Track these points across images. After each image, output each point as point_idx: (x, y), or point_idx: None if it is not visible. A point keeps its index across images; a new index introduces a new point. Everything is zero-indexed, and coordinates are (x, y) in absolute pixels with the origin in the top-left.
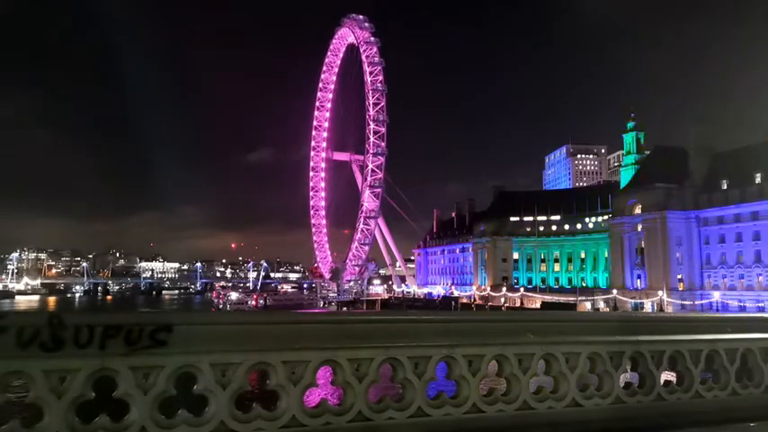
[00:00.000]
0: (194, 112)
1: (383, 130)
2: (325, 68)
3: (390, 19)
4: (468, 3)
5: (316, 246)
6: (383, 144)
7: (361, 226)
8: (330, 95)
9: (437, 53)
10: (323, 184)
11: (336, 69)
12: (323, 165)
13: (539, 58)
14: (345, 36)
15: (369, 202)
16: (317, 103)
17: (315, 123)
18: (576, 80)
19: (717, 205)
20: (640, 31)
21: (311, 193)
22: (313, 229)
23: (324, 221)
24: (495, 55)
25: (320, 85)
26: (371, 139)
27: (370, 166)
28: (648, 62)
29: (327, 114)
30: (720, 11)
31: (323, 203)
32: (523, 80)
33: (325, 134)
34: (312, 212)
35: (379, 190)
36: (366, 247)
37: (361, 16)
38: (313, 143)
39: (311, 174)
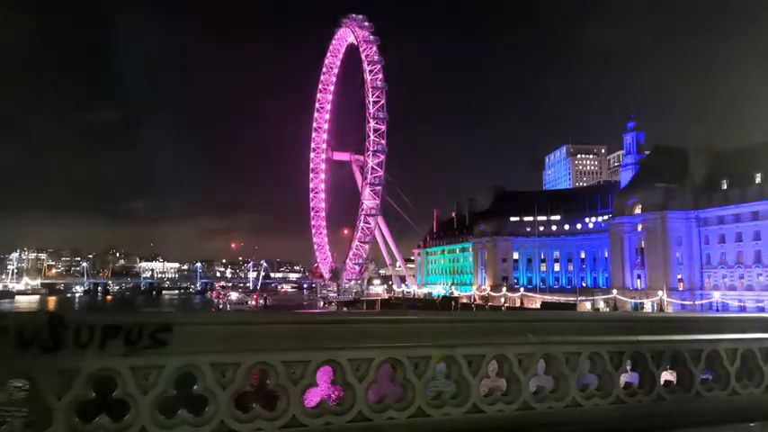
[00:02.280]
0: (192, 113)
1: (383, 127)
2: (324, 70)
3: (391, 19)
4: (468, 4)
5: (316, 247)
6: (383, 142)
7: (362, 224)
8: (330, 97)
9: (437, 53)
10: (323, 186)
11: (336, 70)
12: (323, 166)
13: (539, 58)
14: (345, 36)
15: (369, 199)
16: (317, 105)
17: (314, 125)
18: (577, 80)
19: (717, 205)
20: (640, 31)
21: (311, 195)
22: (313, 231)
23: (324, 223)
24: (495, 55)
25: (320, 86)
26: (371, 136)
27: (371, 163)
28: (649, 62)
29: (327, 116)
30: (722, 12)
31: (323, 205)
32: (524, 80)
33: (324, 136)
34: (312, 214)
35: (379, 188)
36: (366, 246)
37: (360, 16)
38: (313, 145)
39: (311, 175)
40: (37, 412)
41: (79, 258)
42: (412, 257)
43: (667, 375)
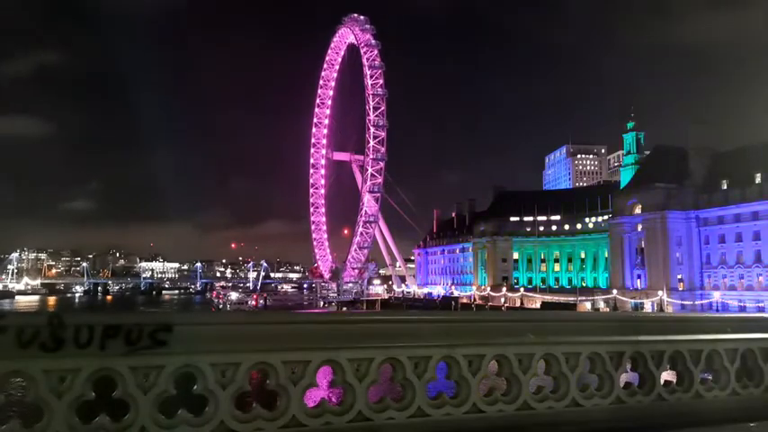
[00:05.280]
0: (189, 112)
1: (383, 134)
2: (325, 66)
3: (390, 16)
4: (468, 3)
5: (315, 243)
6: (383, 149)
7: (361, 229)
8: (330, 93)
9: (437, 52)
10: (323, 182)
11: (337, 66)
12: (323, 162)
13: (539, 58)
14: (346, 35)
15: (368, 206)
16: (318, 100)
17: (315, 120)
18: (577, 80)
19: (717, 205)
20: (640, 30)
21: (311, 191)
22: (312, 227)
23: (323, 219)
24: (495, 54)
25: (321, 82)
26: (371, 143)
27: (370, 170)
28: (649, 62)
29: (328, 111)
30: (721, 11)
31: (322, 201)
32: (523, 80)
33: (325, 131)
34: (312, 209)
35: (378, 195)
36: (365, 251)
37: (362, 17)
38: (313, 140)
39: (311, 171)
40: (37, 412)
41: (79, 258)
42: (412, 257)
43: (667, 375)
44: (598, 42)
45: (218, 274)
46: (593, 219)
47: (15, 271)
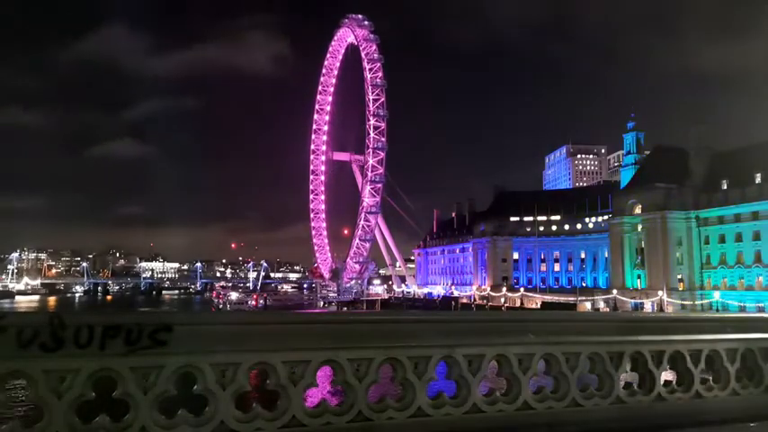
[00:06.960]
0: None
1: (383, 125)
2: (324, 71)
3: (389, 15)
4: (471, 17)
5: (316, 248)
6: (383, 139)
7: (362, 222)
8: (329, 98)
9: (437, 51)
10: (323, 188)
11: (336, 72)
12: (323, 168)
13: (539, 58)
14: (345, 36)
15: (369, 197)
16: (317, 107)
17: (314, 127)
18: (577, 80)
19: (717, 205)
20: (641, 31)
21: (311, 197)
22: (313, 232)
23: (324, 224)
24: (495, 54)
25: (319, 88)
26: (371, 134)
27: (371, 161)
28: (649, 62)
29: (327, 118)
30: (721, 12)
31: (323, 207)
32: (524, 80)
33: (324, 137)
34: (312, 215)
35: (379, 185)
36: (367, 244)
37: (359, 15)
38: (312, 146)
39: (311, 177)
40: (37, 412)
41: (79, 258)
42: (412, 257)
43: (667, 375)
44: (599, 53)
45: (218, 274)
46: (593, 219)
47: (15, 271)
